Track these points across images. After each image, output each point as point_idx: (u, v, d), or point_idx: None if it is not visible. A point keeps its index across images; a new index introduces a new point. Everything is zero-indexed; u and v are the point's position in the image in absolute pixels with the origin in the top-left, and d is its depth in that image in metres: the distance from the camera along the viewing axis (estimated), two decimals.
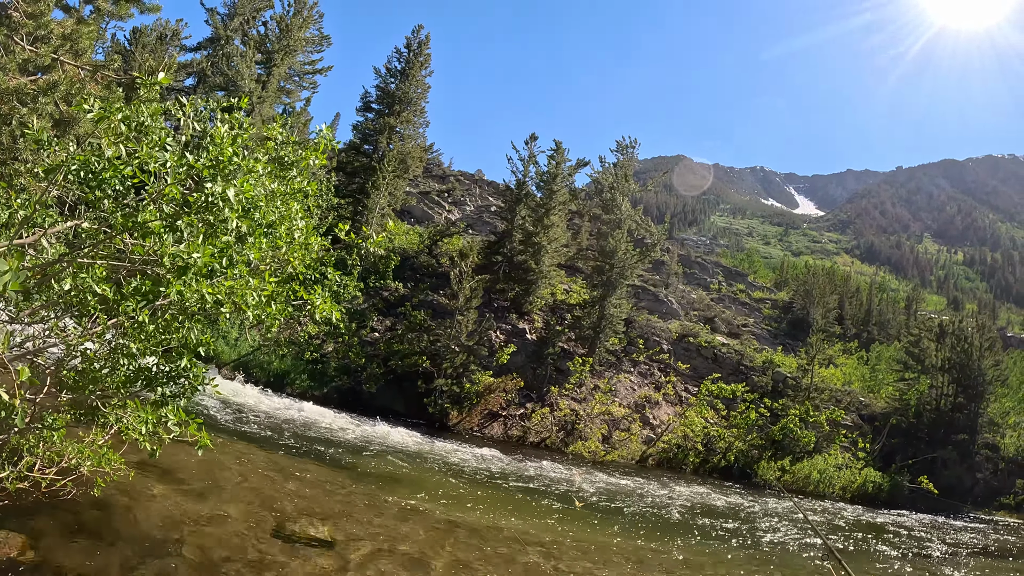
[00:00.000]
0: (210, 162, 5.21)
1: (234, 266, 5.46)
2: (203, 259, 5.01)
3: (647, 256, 37.08)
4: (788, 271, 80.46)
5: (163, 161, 5.09)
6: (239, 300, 5.54)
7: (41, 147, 5.32)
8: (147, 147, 5.15)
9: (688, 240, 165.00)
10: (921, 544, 19.12)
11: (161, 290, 5.10)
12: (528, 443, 27.00)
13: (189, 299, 5.02)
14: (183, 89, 41.54)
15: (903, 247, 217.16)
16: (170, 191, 5.17)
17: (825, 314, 49.01)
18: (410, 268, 37.58)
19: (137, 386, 6.09)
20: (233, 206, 5.28)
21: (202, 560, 7.30)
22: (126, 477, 7.68)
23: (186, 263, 4.96)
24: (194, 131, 5.60)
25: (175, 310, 5.43)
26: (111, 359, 5.78)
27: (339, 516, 10.38)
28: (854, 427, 34.29)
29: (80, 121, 14.83)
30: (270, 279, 5.97)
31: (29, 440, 6.14)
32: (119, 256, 5.49)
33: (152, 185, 5.28)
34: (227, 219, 5.29)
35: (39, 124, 5.14)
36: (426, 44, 41.58)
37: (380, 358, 28.42)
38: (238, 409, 19.45)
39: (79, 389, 5.82)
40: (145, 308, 5.10)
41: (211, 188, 5.12)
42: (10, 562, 6.09)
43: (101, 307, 5.42)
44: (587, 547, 12.11)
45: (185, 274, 4.99)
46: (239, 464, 12.03)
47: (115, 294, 5.25)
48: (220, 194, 5.15)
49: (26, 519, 6.86)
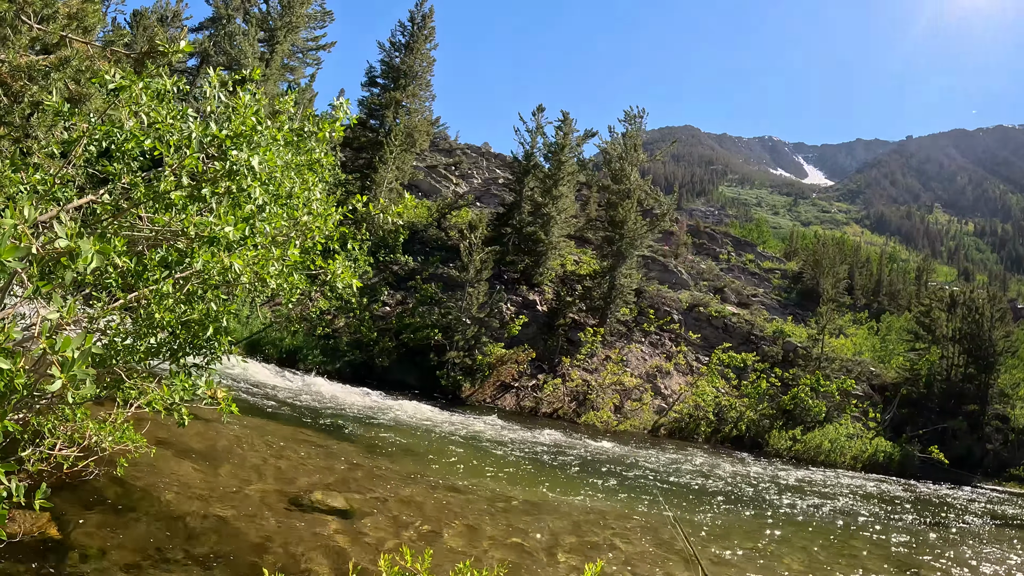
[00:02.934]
0: (234, 132, 5.20)
1: (255, 236, 5.47)
2: (234, 232, 5.01)
3: (656, 226, 36.98)
4: (797, 241, 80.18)
5: (187, 131, 5.08)
6: (261, 271, 5.55)
7: (62, 118, 5.32)
8: (169, 117, 5.14)
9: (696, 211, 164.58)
10: (932, 514, 19.20)
11: (186, 260, 5.11)
12: (541, 414, 27.13)
13: (212, 269, 5.02)
14: (186, 70, 41.46)
15: (913, 217, 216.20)
16: (190, 162, 5.16)
17: (835, 284, 48.81)
18: (419, 242, 37.58)
19: (161, 357, 6.12)
20: (258, 175, 5.28)
21: (223, 532, 7.37)
22: (148, 455, 7.73)
23: (215, 234, 4.96)
24: (218, 103, 5.58)
25: (198, 281, 5.45)
26: (133, 331, 5.80)
27: (355, 487, 10.45)
28: (864, 397, 34.32)
29: (92, 98, 14.80)
30: (294, 249, 5.97)
31: (51, 420, 6.17)
32: (138, 229, 5.49)
33: (171, 157, 5.27)
34: (250, 188, 5.29)
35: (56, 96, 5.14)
36: (430, 17, 41.30)
37: (392, 332, 28.51)
38: (253, 385, 19.56)
39: (102, 364, 5.84)
40: (169, 278, 5.11)
41: (236, 156, 5.11)
42: (34, 540, 6.15)
43: (120, 281, 5.44)
44: (602, 516, 12.17)
45: (213, 245, 4.99)
46: (256, 439, 12.12)
47: (136, 265, 5.26)
48: (245, 162, 5.13)
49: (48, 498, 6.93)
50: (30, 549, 5.99)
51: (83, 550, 6.27)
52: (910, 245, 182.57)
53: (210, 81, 5.46)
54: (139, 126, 5.23)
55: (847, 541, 13.65)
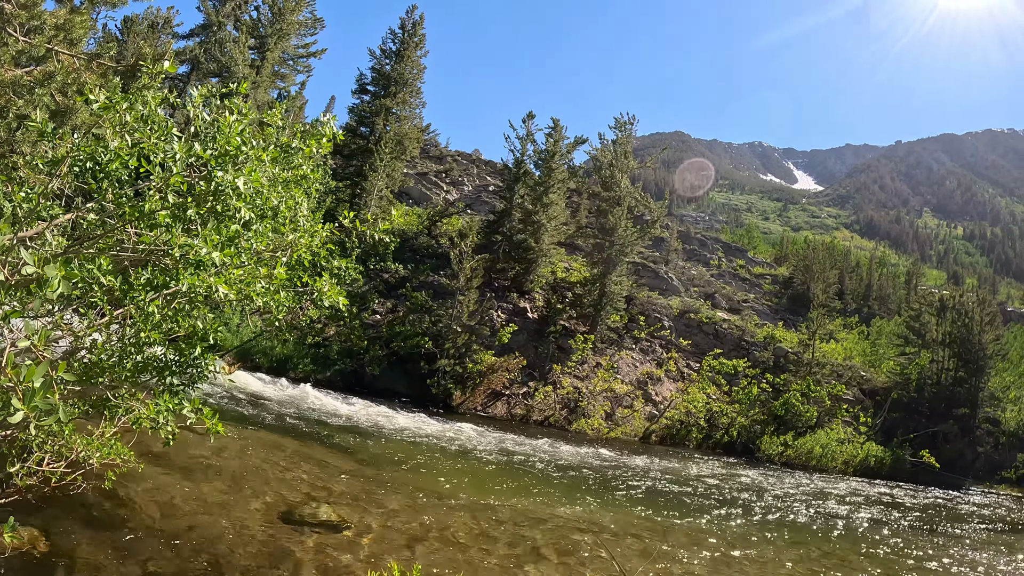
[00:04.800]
0: (219, 151, 5.18)
1: (241, 255, 5.45)
2: (220, 257, 4.99)
3: (647, 233, 37.05)
4: (788, 246, 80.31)
5: (171, 153, 5.06)
6: (247, 289, 5.54)
7: (44, 138, 5.29)
8: (153, 136, 5.12)
9: (687, 216, 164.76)
10: (922, 517, 19.26)
11: (170, 282, 5.09)
12: (532, 421, 27.11)
13: (198, 289, 5.00)
14: (176, 77, 41.33)
15: (903, 222, 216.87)
16: (175, 181, 5.14)
17: (825, 289, 49.00)
18: (410, 249, 37.53)
19: (147, 376, 6.09)
20: (243, 194, 5.26)
21: (212, 546, 7.35)
22: (135, 469, 7.70)
23: (200, 258, 4.94)
24: (203, 121, 5.56)
25: (184, 300, 5.43)
26: (119, 349, 5.77)
27: (345, 500, 10.43)
28: (855, 401, 34.42)
29: (77, 111, 14.75)
30: (280, 269, 5.95)
31: (38, 435, 6.14)
32: (123, 247, 5.47)
33: (157, 175, 5.25)
34: (234, 208, 5.27)
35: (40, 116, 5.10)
36: (420, 24, 41.33)
37: (382, 340, 28.45)
38: (243, 395, 19.50)
39: (87, 381, 5.82)
40: (155, 299, 5.09)
41: (221, 177, 5.09)
42: (23, 555, 6.12)
43: (107, 298, 5.41)
44: (587, 525, 12.17)
45: (198, 268, 4.97)
46: (245, 450, 12.09)
47: (122, 284, 5.24)
48: (230, 183, 5.12)
49: (37, 513, 6.90)
50: (20, 564, 5.98)
51: (72, 565, 6.26)
52: (900, 249, 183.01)
53: (193, 100, 5.45)
54: (124, 145, 5.21)
55: (838, 545, 13.67)
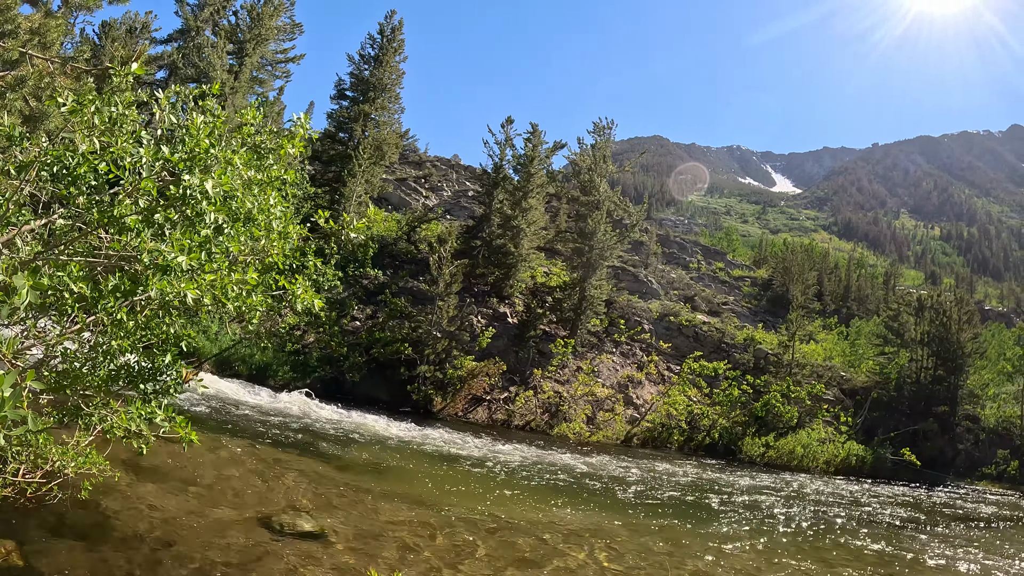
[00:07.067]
0: (187, 155, 5.11)
1: (213, 260, 5.38)
2: (186, 262, 4.92)
3: (626, 237, 37.12)
4: (767, 249, 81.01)
5: (138, 157, 4.99)
6: (219, 293, 5.47)
7: (13, 143, 5.22)
8: (121, 141, 5.06)
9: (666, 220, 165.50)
10: (905, 515, 19.38)
11: (140, 288, 5.01)
12: (513, 426, 27.07)
13: (169, 295, 4.93)
14: (155, 82, 41.05)
15: (880, 223, 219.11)
16: (145, 185, 5.08)
17: (804, 291, 49.31)
18: (389, 255, 37.36)
19: (119, 384, 6.01)
20: (211, 199, 5.19)
21: (190, 556, 7.26)
22: (112, 478, 7.60)
23: (167, 263, 4.86)
24: (169, 124, 5.49)
25: (155, 306, 5.35)
26: (91, 357, 5.69)
27: (326, 508, 10.36)
28: (836, 401, 34.66)
29: (50, 116, 14.60)
30: (252, 272, 5.88)
31: (11, 445, 6.04)
32: (94, 253, 5.40)
33: (127, 179, 5.18)
34: (204, 212, 5.20)
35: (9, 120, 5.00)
36: (399, 30, 41.22)
37: (362, 347, 28.29)
38: (221, 403, 19.33)
39: (60, 389, 5.74)
40: (124, 306, 5.01)
41: (188, 181, 5.03)
42: None
43: (79, 305, 5.33)
44: (575, 529, 12.16)
45: (166, 273, 4.90)
46: (224, 459, 11.97)
47: (92, 291, 5.17)
48: (198, 187, 5.05)
49: (12, 524, 6.79)
50: None
51: None
52: (878, 250, 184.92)
53: (159, 103, 5.38)
54: (93, 149, 5.14)
55: (819, 543, 13.74)
